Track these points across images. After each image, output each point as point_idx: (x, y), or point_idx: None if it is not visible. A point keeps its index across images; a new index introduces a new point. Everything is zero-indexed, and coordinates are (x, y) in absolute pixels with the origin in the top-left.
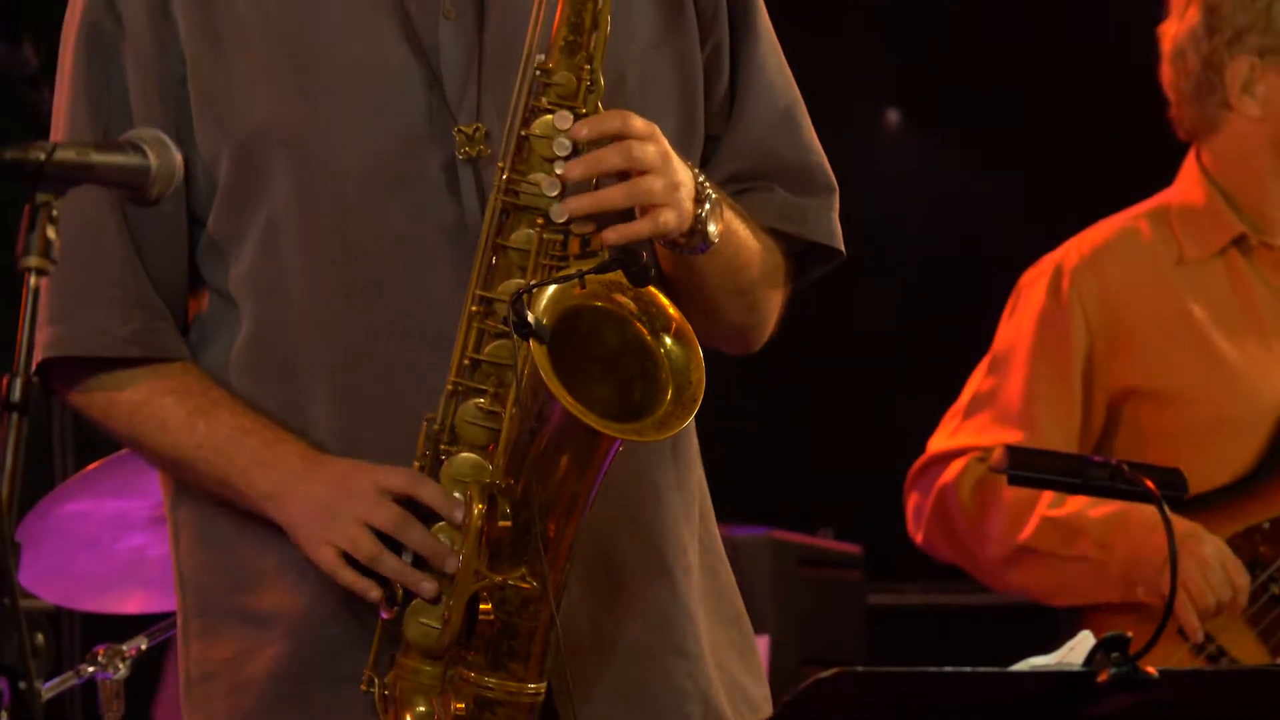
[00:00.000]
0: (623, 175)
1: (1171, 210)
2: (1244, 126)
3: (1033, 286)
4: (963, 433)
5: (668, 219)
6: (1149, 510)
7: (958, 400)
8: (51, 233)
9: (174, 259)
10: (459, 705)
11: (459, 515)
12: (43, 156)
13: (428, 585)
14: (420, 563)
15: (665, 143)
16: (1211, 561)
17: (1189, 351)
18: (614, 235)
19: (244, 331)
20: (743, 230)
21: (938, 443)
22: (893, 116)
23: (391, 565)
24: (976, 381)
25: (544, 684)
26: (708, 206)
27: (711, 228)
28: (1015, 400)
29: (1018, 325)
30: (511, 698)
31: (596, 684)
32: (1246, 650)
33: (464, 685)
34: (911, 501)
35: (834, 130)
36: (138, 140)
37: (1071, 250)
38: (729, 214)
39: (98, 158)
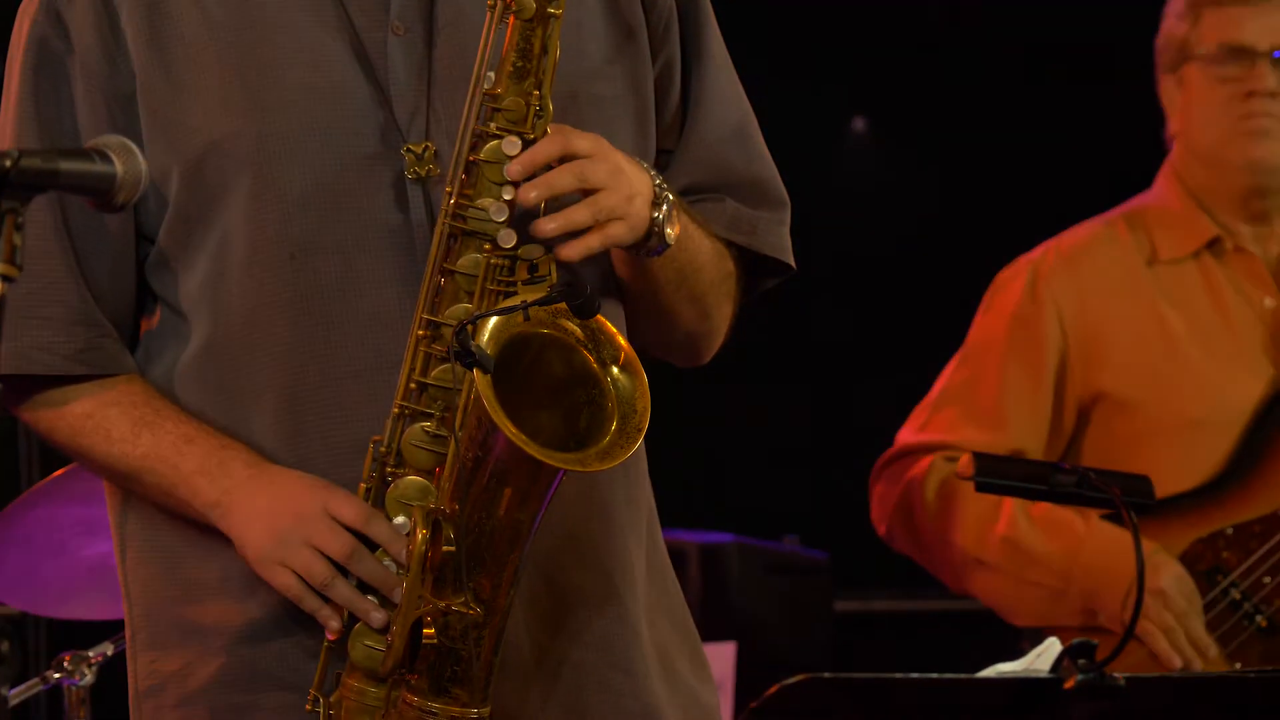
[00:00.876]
0: (582, 192)
1: (1148, 212)
2: (1178, 144)
3: (1009, 284)
4: (932, 426)
5: (617, 231)
6: (1102, 539)
7: (929, 392)
8: (17, 239)
9: (120, 274)
10: None
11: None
12: (8, 164)
13: (377, 615)
14: (365, 588)
15: (614, 154)
16: (1171, 593)
17: (1160, 356)
18: (568, 251)
19: (193, 344)
20: (698, 235)
21: (907, 435)
22: (859, 124)
23: (343, 593)
24: (948, 373)
25: (488, 709)
26: (665, 208)
27: (669, 230)
28: (987, 398)
29: (992, 321)
30: None
31: (541, 706)
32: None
33: (408, 709)
34: (876, 491)
35: (800, 138)
36: (103, 147)
37: (1049, 251)
38: (684, 218)
39: (64, 165)
